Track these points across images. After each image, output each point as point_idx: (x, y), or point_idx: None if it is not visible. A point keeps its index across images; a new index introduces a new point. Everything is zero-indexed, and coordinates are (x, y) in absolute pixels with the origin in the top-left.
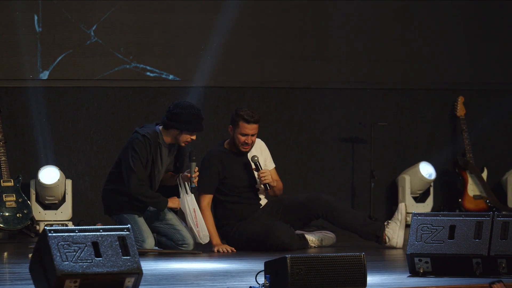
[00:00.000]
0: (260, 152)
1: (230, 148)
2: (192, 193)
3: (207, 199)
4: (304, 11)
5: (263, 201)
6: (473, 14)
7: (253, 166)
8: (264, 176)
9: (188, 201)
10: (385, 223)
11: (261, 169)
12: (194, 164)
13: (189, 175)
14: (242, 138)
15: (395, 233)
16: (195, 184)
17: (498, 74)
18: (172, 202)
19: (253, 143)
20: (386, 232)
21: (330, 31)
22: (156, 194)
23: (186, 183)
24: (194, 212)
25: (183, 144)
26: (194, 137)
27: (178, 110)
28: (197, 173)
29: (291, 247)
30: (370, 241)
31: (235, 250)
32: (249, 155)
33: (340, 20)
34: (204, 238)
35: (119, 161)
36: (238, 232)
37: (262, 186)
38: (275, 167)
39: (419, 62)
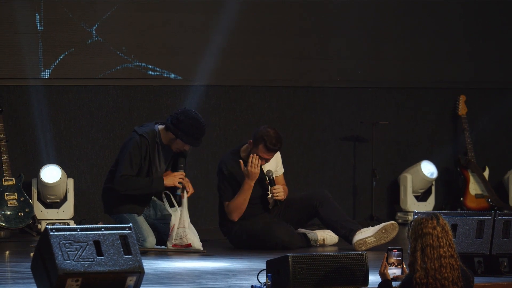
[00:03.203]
0: (275, 159)
1: (246, 158)
2: (176, 200)
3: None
4: (305, 10)
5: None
6: (474, 13)
7: (267, 180)
8: (277, 193)
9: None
10: (360, 229)
11: (275, 184)
12: (181, 170)
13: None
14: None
15: (362, 235)
16: (180, 192)
17: (500, 73)
18: (168, 179)
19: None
20: (355, 236)
21: (331, 30)
22: (144, 180)
23: (171, 195)
24: (173, 229)
25: (174, 149)
26: (186, 148)
27: (182, 118)
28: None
29: (291, 245)
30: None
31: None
32: (264, 169)
33: (341, 19)
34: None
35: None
36: (239, 230)
37: (272, 200)
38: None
39: (421, 61)
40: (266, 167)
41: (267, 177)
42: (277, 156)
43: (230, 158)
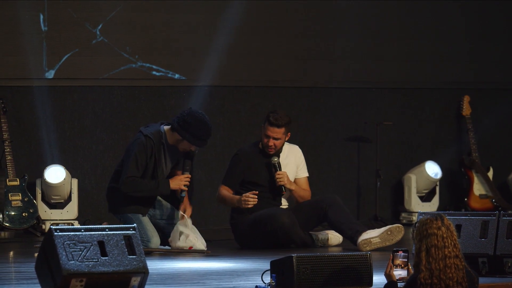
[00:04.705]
0: (294, 159)
1: (262, 147)
2: (181, 201)
3: (225, 189)
4: (309, 10)
5: (284, 206)
6: (477, 14)
7: (274, 168)
8: (280, 178)
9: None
10: (366, 231)
11: (279, 170)
12: (187, 173)
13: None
14: (265, 140)
15: (367, 235)
16: (184, 194)
17: (503, 73)
18: (174, 183)
19: (276, 147)
20: (361, 236)
21: (335, 31)
22: (151, 183)
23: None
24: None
25: (180, 150)
26: (193, 149)
27: (190, 120)
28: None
29: (292, 229)
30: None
31: (256, 192)
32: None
33: (345, 20)
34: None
35: None
36: (246, 222)
37: (281, 187)
38: (308, 177)
39: (424, 62)
40: (285, 167)
41: (272, 164)
42: (298, 156)
43: (248, 146)
